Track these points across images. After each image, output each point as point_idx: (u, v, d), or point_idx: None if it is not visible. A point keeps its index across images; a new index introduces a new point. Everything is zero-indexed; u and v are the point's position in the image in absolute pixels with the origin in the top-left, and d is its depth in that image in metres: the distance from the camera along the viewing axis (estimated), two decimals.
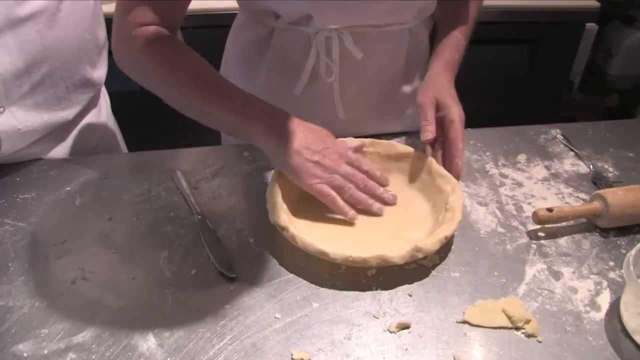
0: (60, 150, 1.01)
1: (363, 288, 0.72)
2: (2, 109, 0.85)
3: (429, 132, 0.83)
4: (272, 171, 0.84)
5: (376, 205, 0.81)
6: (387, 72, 0.98)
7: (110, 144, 1.15)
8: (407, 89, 1.02)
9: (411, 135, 1.03)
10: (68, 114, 0.97)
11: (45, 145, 0.98)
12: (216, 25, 0.90)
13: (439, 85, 0.87)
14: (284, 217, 0.75)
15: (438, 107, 0.86)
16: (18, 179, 0.92)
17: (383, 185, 0.84)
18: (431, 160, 0.86)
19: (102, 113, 1.12)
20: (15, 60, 0.84)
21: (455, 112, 0.84)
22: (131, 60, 0.82)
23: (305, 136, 0.77)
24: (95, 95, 1.06)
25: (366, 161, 0.84)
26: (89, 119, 1.06)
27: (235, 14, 1.04)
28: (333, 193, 0.78)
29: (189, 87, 0.80)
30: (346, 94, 0.97)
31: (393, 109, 1.03)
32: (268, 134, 0.77)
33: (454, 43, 0.94)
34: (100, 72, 1.04)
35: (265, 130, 0.77)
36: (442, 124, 0.85)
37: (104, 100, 1.14)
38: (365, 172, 0.82)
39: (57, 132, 0.99)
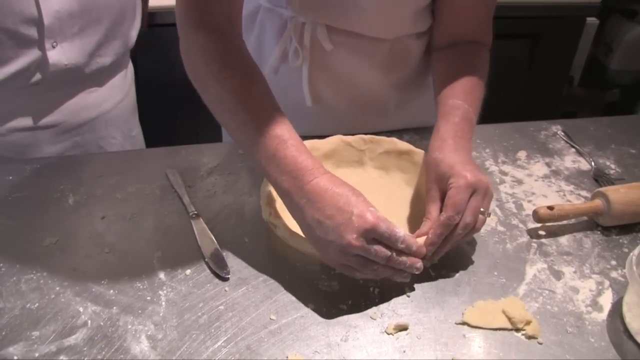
0: (97, 97, 1.11)
1: (360, 289, 0.71)
2: (55, 43, 0.97)
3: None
4: None
5: (399, 279, 0.68)
6: (361, 69, 0.94)
7: (128, 119, 1.22)
8: (388, 89, 0.98)
9: (397, 132, 1.01)
10: (104, 60, 1.08)
11: (83, 86, 1.08)
12: None
13: (441, 165, 0.73)
14: (277, 214, 0.74)
15: (444, 189, 0.72)
16: (11, 177, 0.90)
17: (418, 257, 0.68)
18: None
19: (127, 78, 1.20)
20: (71, 2, 0.96)
21: (455, 179, 0.70)
22: (186, 48, 0.76)
23: (322, 207, 0.65)
24: (125, 56, 1.16)
25: (400, 233, 0.65)
26: (118, 79, 1.15)
27: None
28: (351, 271, 0.68)
29: (228, 107, 0.72)
30: (315, 82, 0.95)
31: (373, 107, 1.00)
32: (288, 198, 0.68)
33: (455, 112, 0.79)
34: (133, 34, 1.14)
35: (286, 193, 0.68)
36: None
37: (130, 70, 1.22)
38: (395, 245, 0.65)
39: (94, 77, 1.08)
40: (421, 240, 0.69)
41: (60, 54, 0.99)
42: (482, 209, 0.70)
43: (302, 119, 0.97)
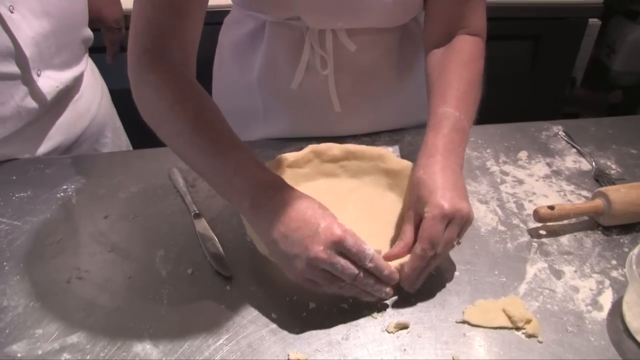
0: (84, 103, 1.10)
1: None
2: (39, 71, 0.94)
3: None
4: None
5: (366, 298, 0.67)
6: (381, 63, 0.95)
7: (108, 108, 1.21)
8: (401, 80, 1.00)
9: (399, 132, 1.02)
10: (81, 67, 1.08)
11: (69, 95, 1.06)
12: (207, 23, 0.88)
13: (422, 188, 0.69)
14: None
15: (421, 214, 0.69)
16: (14, 177, 0.91)
17: (388, 284, 0.66)
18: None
19: (95, 74, 1.19)
20: (42, 24, 0.93)
21: (431, 208, 0.66)
22: (137, 89, 0.75)
23: (287, 221, 0.63)
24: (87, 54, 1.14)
25: (369, 250, 0.63)
26: (87, 78, 1.12)
27: (227, 10, 1.04)
28: (317, 287, 0.65)
29: (184, 138, 0.70)
30: (341, 86, 0.95)
31: (390, 102, 1.01)
32: (252, 215, 0.67)
33: (444, 122, 0.75)
34: (89, 32, 1.11)
35: (250, 211, 0.66)
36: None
37: (93, 65, 1.19)
38: (362, 262, 0.63)
39: (76, 82, 1.07)
40: (396, 262, 0.67)
41: (48, 80, 0.96)
42: (457, 239, 0.68)
43: (327, 124, 0.99)
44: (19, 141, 0.97)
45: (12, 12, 0.87)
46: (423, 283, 0.69)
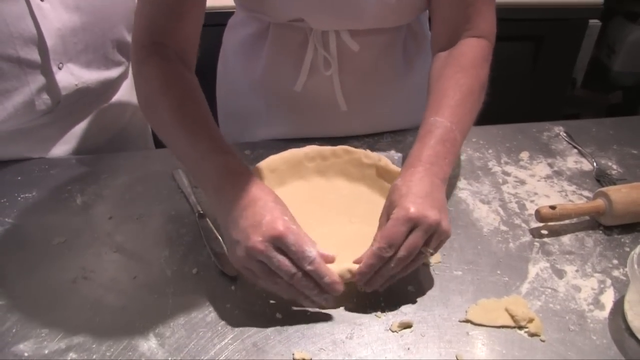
0: (113, 115, 1.09)
1: None
2: (61, 64, 0.92)
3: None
4: None
5: (305, 304, 0.67)
6: (385, 61, 0.96)
7: (141, 124, 1.20)
8: (404, 79, 1.00)
9: (402, 132, 1.03)
10: (112, 73, 1.05)
11: (92, 106, 1.05)
12: (211, 24, 0.89)
13: (396, 195, 0.67)
14: None
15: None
16: (19, 178, 0.92)
17: (331, 292, 0.64)
18: None
19: (134, 92, 1.17)
20: (72, 18, 0.92)
21: (396, 210, 0.65)
22: (135, 82, 0.81)
23: (239, 208, 0.64)
24: (128, 66, 1.12)
25: (311, 253, 0.62)
26: (123, 90, 1.11)
27: (231, 12, 1.04)
28: (255, 278, 0.66)
29: (166, 126, 0.75)
30: (346, 85, 0.96)
31: (393, 101, 1.01)
32: (214, 198, 0.69)
33: (433, 132, 0.73)
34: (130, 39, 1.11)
35: (213, 194, 0.69)
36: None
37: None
38: (301, 262, 0.62)
39: (102, 93, 1.05)
40: (358, 266, 0.65)
41: (68, 75, 0.94)
42: (428, 248, 0.66)
43: (331, 125, 0.99)
44: (34, 140, 0.97)
45: (42, 0, 0.86)
46: (425, 281, 0.70)
